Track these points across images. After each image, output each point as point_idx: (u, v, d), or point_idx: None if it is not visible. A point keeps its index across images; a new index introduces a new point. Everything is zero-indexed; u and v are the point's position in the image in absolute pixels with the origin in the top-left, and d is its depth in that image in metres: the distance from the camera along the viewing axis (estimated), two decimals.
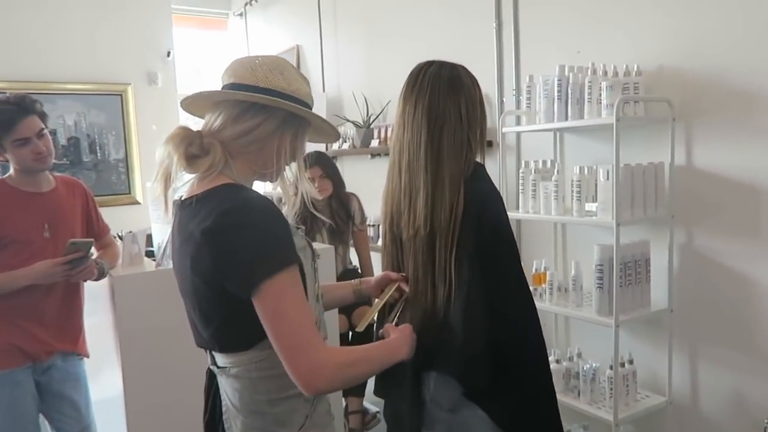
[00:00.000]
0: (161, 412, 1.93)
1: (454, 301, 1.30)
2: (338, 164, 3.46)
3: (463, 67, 1.41)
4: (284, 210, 1.13)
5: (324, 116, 3.83)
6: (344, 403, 2.84)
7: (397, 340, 1.17)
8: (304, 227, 1.18)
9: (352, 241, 3.04)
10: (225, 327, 1.03)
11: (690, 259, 2.13)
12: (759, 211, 1.92)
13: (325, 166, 2.90)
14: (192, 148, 1.03)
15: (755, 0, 1.87)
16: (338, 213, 2.92)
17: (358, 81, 3.71)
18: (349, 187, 3.12)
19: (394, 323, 1.30)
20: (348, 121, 3.67)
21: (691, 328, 2.14)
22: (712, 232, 2.06)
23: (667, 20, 2.11)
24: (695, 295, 2.12)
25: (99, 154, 4.24)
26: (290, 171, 1.15)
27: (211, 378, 1.14)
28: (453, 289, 1.30)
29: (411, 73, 1.41)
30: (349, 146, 3.64)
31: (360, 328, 1.27)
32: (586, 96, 2.12)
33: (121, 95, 4.29)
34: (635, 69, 2.09)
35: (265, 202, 1.01)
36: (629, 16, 2.22)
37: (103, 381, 2.17)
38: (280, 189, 1.18)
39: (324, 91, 4.02)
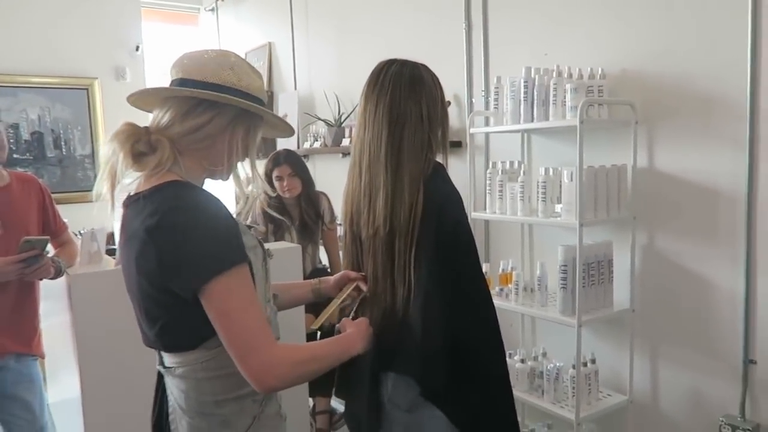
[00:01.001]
0: (120, 414, 1.89)
1: (412, 301, 1.30)
2: (309, 163, 3.44)
3: (425, 66, 1.40)
4: (236, 209, 1.11)
5: (296, 114, 3.84)
6: (311, 403, 2.82)
7: (352, 335, 1.17)
8: (269, 227, 1.16)
9: (321, 241, 3.02)
10: (170, 327, 1.01)
11: (651, 260, 2.16)
12: (717, 213, 1.96)
13: (294, 165, 2.87)
14: (139, 146, 1.01)
15: (714, 6, 1.91)
16: (307, 212, 2.90)
17: (329, 79, 3.69)
18: (320, 186, 3.10)
19: (351, 318, 1.30)
20: (319, 119, 3.65)
21: (651, 328, 2.18)
22: (672, 233, 2.10)
23: (630, 25, 2.14)
24: (656, 296, 2.16)
25: (64, 150, 4.13)
26: (243, 168, 1.13)
27: (160, 378, 1.12)
28: (412, 288, 1.30)
29: (372, 71, 1.39)
30: (321, 145, 3.62)
31: (314, 326, 1.26)
32: (551, 98, 2.13)
33: (87, 90, 4.19)
34: (599, 72, 2.11)
35: (212, 200, 0.99)
36: (594, 20, 2.25)
37: (61, 382, 2.12)
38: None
39: (296, 89, 3.99)
